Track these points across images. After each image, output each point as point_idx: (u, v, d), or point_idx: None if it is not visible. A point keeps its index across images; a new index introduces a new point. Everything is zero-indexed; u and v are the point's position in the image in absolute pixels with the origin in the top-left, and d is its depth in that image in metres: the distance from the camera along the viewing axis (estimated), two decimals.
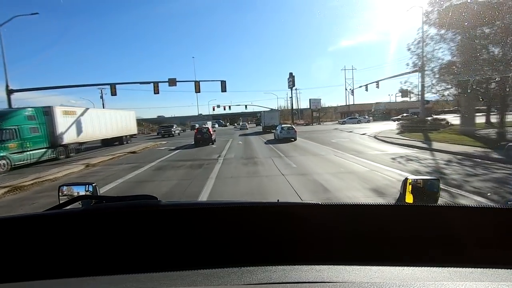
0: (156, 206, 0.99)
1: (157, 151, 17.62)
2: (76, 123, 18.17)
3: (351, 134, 23.78)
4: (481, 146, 11.91)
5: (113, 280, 0.81)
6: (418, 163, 9.73)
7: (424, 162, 9.88)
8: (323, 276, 0.77)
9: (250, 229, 0.98)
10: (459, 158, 10.28)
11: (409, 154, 11.65)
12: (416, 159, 10.44)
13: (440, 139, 15.32)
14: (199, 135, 19.94)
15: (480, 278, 0.76)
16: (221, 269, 0.82)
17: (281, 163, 10.62)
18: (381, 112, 57.94)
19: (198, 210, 1.05)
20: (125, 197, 1.06)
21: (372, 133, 22.53)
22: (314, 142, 18.37)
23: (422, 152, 12.13)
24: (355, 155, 11.67)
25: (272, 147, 16.15)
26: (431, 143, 14.20)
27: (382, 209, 1.01)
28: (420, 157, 10.84)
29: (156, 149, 19.02)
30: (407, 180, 1.14)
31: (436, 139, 15.34)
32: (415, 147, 13.42)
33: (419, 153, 11.86)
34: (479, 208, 1.01)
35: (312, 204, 0.99)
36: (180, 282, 0.77)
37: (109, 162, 13.58)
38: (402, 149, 13.43)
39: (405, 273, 0.79)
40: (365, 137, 20.69)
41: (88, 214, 1.00)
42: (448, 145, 12.83)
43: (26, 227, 0.96)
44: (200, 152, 15.93)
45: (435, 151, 11.95)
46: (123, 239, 0.95)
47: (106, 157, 14.78)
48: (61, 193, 1.36)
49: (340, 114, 67.44)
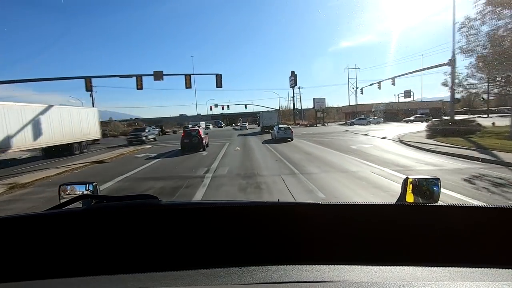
0: (157, 206, 0.99)
1: (130, 161, 13.84)
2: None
3: (369, 137, 20.19)
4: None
5: (113, 280, 0.82)
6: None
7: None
8: (323, 276, 0.77)
9: (250, 228, 0.98)
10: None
11: (479, 171, 7.98)
12: (505, 182, 6.80)
13: (494, 146, 11.77)
14: (186, 140, 15.87)
15: (481, 277, 0.76)
16: (221, 269, 0.82)
17: (298, 187, 6.97)
18: (383, 113, 54.22)
19: (199, 209, 1.05)
20: (126, 197, 1.07)
21: (393, 136, 18.93)
22: (329, 148, 14.73)
23: (495, 167, 8.47)
24: (402, 172, 8.10)
25: (279, 157, 12.33)
26: (490, 153, 10.60)
27: (382, 209, 1.01)
28: (507, 177, 7.21)
29: (132, 157, 15.24)
30: (407, 180, 1.08)
31: (490, 146, 11.77)
32: (474, 159, 9.79)
33: (491, 169, 8.21)
34: (480, 208, 1.01)
35: (313, 204, 1.00)
36: (180, 281, 0.77)
37: (52, 180, 9.62)
38: (456, 161, 9.80)
39: (406, 273, 0.79)
40: (388, 142, 17.10)
41: (89, 214, 1.00)
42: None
43: (27, 227, 0.96)
44: (185, 162, 12.28)
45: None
46: (124, 238, 0.96)
47: (49, 173, 10.65)
48: (62, 193, 1.33)
49: (344, 114, 63.85)
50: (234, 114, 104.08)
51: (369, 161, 10.21)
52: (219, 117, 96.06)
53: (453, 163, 9.41)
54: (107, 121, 66.23)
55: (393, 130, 25.59)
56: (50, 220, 0.99)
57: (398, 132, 22.32)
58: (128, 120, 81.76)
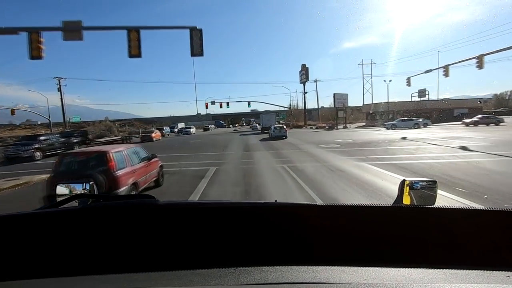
0: (154, 205, 0.98)
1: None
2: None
3: (470, 154, 10.35)
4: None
5: (110, 279, 0.81)
6: None
7: None
8: (320, 277, 0.76)
9: (247, 229, 0.97)
10: None
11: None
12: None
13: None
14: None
15: (476, 280, 0.76)
16: (218, 269, 0.82)
17: None
18: (413, 113, 43.05)
19: (196, 209, 1.04)
20: (122, 196, 1.18)
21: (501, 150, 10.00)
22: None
23: None
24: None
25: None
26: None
27: (379, 211, 1.00)
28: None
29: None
30: (404, 182, 1.07)
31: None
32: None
33: None
34: (475, 210, 0.99)
35: (309, 205, 1.00)
36: (177, 282, 0.76)
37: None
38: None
39: (402, 274, 0.79)
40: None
41: (85, 213, 0.98)
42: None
43: (23, 225, 0.95)
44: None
45: None
46: (120, 238, 0.94)
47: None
48: (58, 192, 1.32)
49: (365, 114, 53.65)
50: (236, 114, 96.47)
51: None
52: (219, 117, 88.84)
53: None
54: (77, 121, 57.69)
55: (467, 136, 17.31)
56: (46, 218, 0.97)
57: (487, 140, 14.21)
58: (122, 120, 74.93)
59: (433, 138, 17.54)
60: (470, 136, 17.76)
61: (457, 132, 21.17)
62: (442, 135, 19.28)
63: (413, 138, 18.78)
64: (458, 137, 17.04)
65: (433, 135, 19.83)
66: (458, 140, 15.56)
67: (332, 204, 1.02)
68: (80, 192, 1.28)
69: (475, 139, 15.73)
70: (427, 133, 22.87)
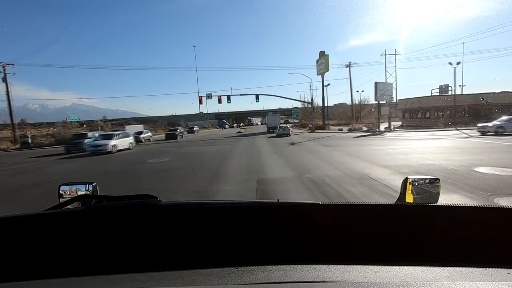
0: (157, 206, 0.98)
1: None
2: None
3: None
4: None
5: (112, 280, 0.81)
6: None
7: None
8: (323, 276, 0.76)
9: (250, 228, 0.97)
10: None
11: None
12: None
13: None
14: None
15: (480, 277, 0.75)
16: (220, 269, 0.82)
17: None
18: (454, 111, 31.50)
19: (198, 209, 1.03)
20: (125, 197, 1.05)
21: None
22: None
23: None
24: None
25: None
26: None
27: (382, 209, 1.00)
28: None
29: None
30: (407, 180, 1.05)
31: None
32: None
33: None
34: (479, 208, 0.98)
35: (312, 203, 0.99)
36: (179, 281, 0.77)
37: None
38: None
39: (405, 273, 0.78)
40: None
41: (88, 214, 0.99)
42: None
43: (26, 226, 0.95)
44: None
45: None
46: (123, 238, 0.95)
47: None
48: (61, 193, 1.31)
49: (401, 112, 42.58)
50: (242, 112, 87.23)
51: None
52: (223, 116, 79.76)
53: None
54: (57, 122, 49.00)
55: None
56: (49, 219, 0.98)
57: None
58: (118, 120, 67.58)
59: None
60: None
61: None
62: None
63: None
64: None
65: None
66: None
67: (335, 203, 1.03)
68: (83, 193, 1.29)
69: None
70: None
